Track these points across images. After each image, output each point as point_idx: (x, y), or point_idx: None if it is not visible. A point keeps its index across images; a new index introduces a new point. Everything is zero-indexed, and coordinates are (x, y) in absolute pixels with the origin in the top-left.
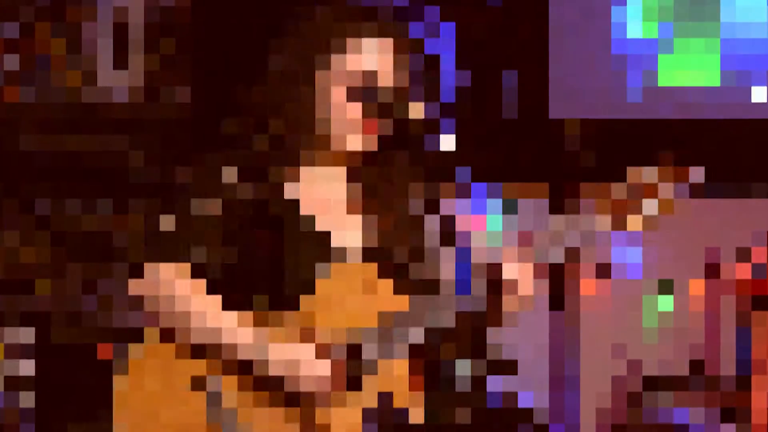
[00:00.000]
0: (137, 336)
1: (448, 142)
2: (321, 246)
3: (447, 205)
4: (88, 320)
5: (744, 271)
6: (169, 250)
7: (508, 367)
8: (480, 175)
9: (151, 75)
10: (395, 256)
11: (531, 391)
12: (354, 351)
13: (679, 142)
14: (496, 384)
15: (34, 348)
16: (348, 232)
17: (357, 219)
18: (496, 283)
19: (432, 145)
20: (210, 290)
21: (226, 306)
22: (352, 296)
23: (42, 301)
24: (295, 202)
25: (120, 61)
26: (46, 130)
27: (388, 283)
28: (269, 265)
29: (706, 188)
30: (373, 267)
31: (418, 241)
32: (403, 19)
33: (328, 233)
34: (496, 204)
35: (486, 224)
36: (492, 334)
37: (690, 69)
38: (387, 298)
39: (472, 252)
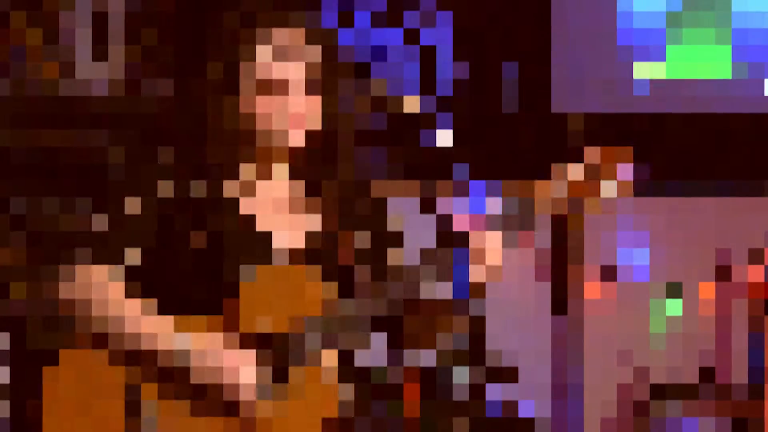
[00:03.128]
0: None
1: (445, 138)
2: (262, 248)
3: (444, 204)
4: (66, 325)
5: (756, 274)
6: (101, 252)
7: (508, 375)
8: (478, 172)
9: (132, 67)
10: (338, 259)
11: (532, 400)
12: (280, 357)
13: (687, 137)
14: (495, 392)
15: (9, 354)
16: (290, 232)
17: (300, 219)
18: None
19: (428, 140)
20: (144, 295)
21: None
22: (277, 300)
23: (17, 305)
24: (235, 201)
25: (99, 53)
26: (22, 124)
27: (316, 287)
28: (205, 267)
29: (716, 186)
30: (301, 269)
31: (364, 243)
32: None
33: (269, 234)
34: (495, 203)
35: (485, 224)
36: (491, 340)
37: (700, 61)
38: (314, 303)
39: (470, 253)
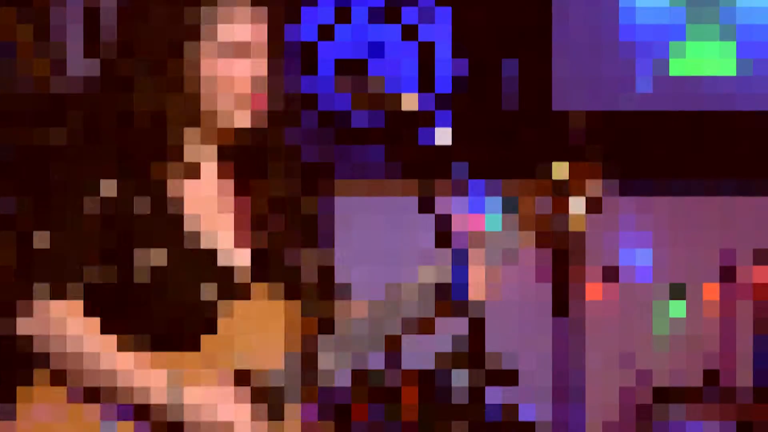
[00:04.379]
0: (26, 378)
1: (444, 136)
2: (207, 266)
3: (443, 204)
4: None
5: (762, 275)
6: (45, 271)
7: (509, 378)
8: (478, 171)
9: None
10: (290, 275)
11: (533, 404)
12: (259, 395)
13: (691, 135)
14: (495, 395)
15: None
16: (235, 232)
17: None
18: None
19: (427, 138)
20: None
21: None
22: (257, 336)
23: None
24: (179, 208)
25: (91, 49)
26: (11, 122)
27: (295, 321)
28: (153, 287)
29: (721, 185)
30: (280, 305)
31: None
32: None
33: (215, 252)
34: (495, 202)
35: (484, 224)
36: (491, 342)
37: (703, 58)
38: (294, 338)
39: (469, 254)
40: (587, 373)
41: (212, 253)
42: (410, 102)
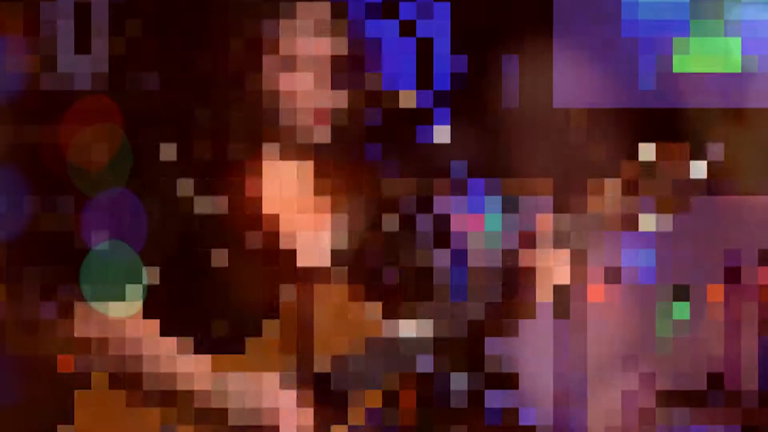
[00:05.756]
0: (85, 382)
1: (442, 134)
2: (287, 268)
3: (441, 203)
4: (47, 329)
5: (767, 276)
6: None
7: (509, 381)
8: (477, 170)
9: (116, 60)
10: (368, 259)
11: (533, 408)
12: (322, 381)
13: (696, 133)
14: (495, 399)
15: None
16: (317, 234)
17: (325, 219)
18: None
19: (424, 136)
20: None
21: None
22: (321, 321)
23: None
24: (258, 207)
25: (82, 45)
26: (0, 120)
27: (359, 306)
28: (225, 290)
29: (726, 184)
30: (344, 288)
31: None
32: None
33: (294, 252)
34: (495, 201)
35: (484, 224)
36: (491, 344)
37: (708, 54)
38: (358, 323)
39: (468, 255)
40: (589, 376)
41: (292, 254)
42: (408, 99)
